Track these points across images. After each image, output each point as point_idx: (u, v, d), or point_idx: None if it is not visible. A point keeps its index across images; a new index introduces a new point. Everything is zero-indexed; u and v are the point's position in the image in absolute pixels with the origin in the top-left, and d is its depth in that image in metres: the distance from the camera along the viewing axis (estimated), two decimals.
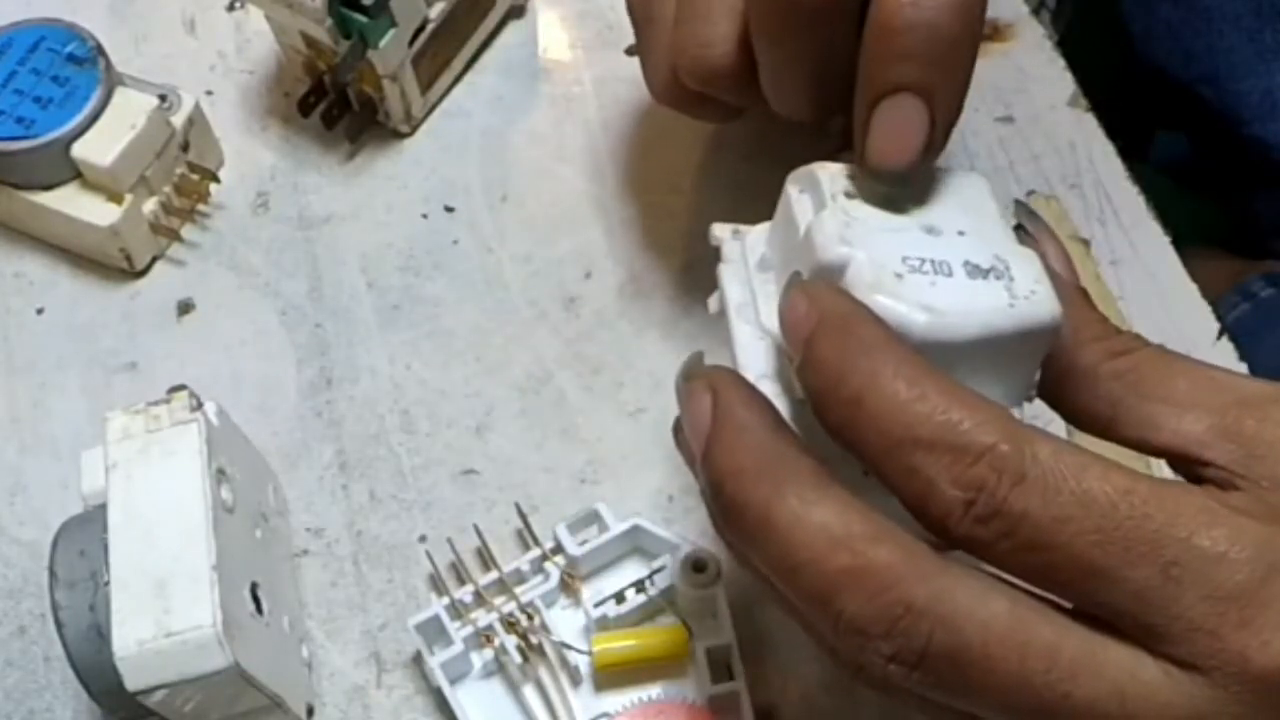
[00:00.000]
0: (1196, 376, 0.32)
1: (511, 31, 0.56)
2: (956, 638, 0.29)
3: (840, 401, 0.30)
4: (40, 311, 0.51)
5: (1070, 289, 0.34)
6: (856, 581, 0.29)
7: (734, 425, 0.32)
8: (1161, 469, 0.32)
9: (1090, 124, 0.52)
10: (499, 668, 0.43)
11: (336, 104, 0.52)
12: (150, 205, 0.50)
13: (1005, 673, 0.29)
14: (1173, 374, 0.32)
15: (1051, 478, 0.29)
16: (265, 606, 0.40)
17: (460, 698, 0.42)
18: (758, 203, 0.39)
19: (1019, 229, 0.38)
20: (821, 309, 0.32)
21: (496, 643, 0.42)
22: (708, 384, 0.32)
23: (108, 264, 0.51)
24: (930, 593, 0.29)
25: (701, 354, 0.34)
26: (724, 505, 0.31)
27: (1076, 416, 0.34)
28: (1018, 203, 0.37)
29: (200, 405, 0.40)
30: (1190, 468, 0.31)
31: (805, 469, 0.31)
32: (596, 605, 0.42)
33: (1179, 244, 0.50)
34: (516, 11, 0.56)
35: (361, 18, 0.48)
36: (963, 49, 0.36)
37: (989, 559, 0.30)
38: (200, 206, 0.52)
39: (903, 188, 0.37)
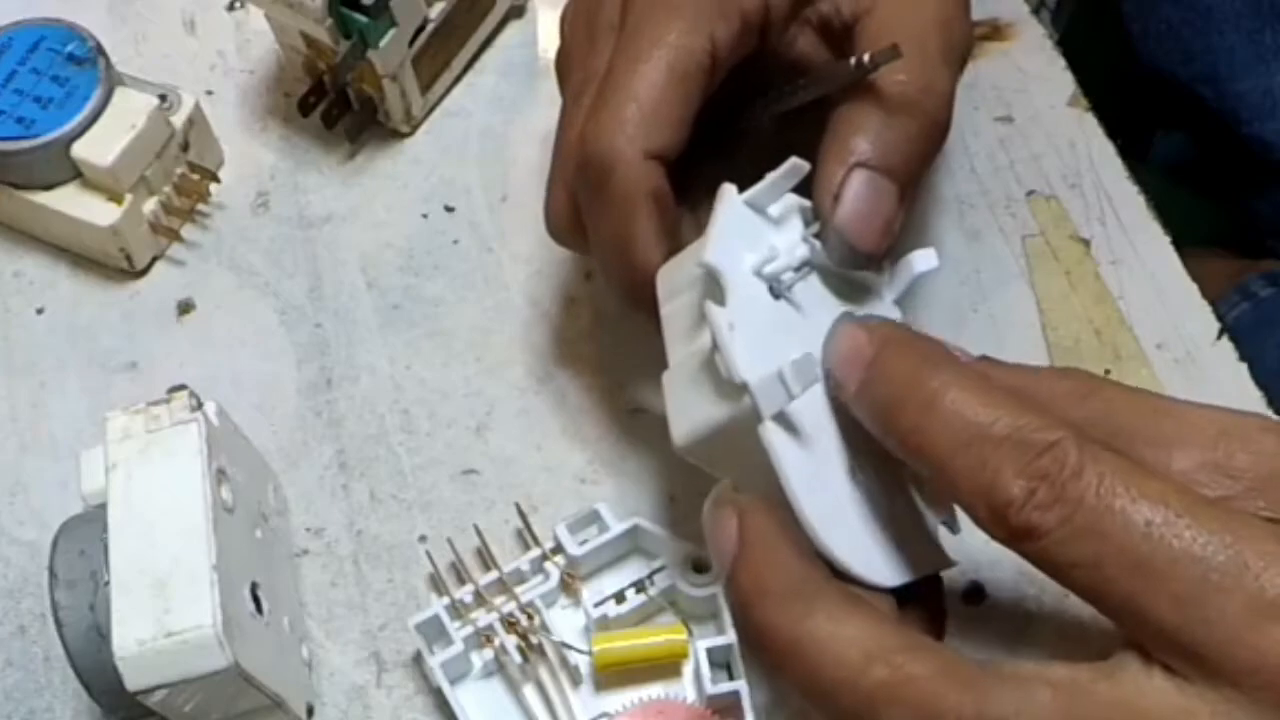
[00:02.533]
0: (1176, 413, 0.32)
1: (511, 31, 0.56)
2: None
3: (913, 406, 0.32)
4: (40, 311, 0.51)
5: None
6: (897, 695, 0.29)
7: (761, 547, 0.33)
8: None
9: (1090, 124, 0.52)
10: (499, 668, 0.43)
11: (336, 104, 0.52)
12: (150, 205, 0.50)
13: None
14: (1149, 413, 0.32)
15: (1111, 475, 0.29)
16: (265, 606, 0.40)
17: (460, 698, 0.42)
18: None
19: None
20: (883, 336, 0.34)
21: (496, 643, 0.42)
22: (735, 509, 0.34)
23: (108, 264, 0.51)
24: (975, 699, 0.29)
25: (730, 483, 0.36)
26: (753, 628, 0.32)
27: None
28: None
29: (200, 405, 0.40)
30: None
31: (834, 591, 0.32)
32: (596, 605, 0.42)
33: (1179, 244, 0.50)
34: (516, 11, 0.56)
35: (361, 18, 0.48)
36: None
37: (1042, 552, 0.30)
38: (200, 206, 0.52)
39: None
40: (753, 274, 0.37)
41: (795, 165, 0.37)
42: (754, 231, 0.38)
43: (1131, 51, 0.73)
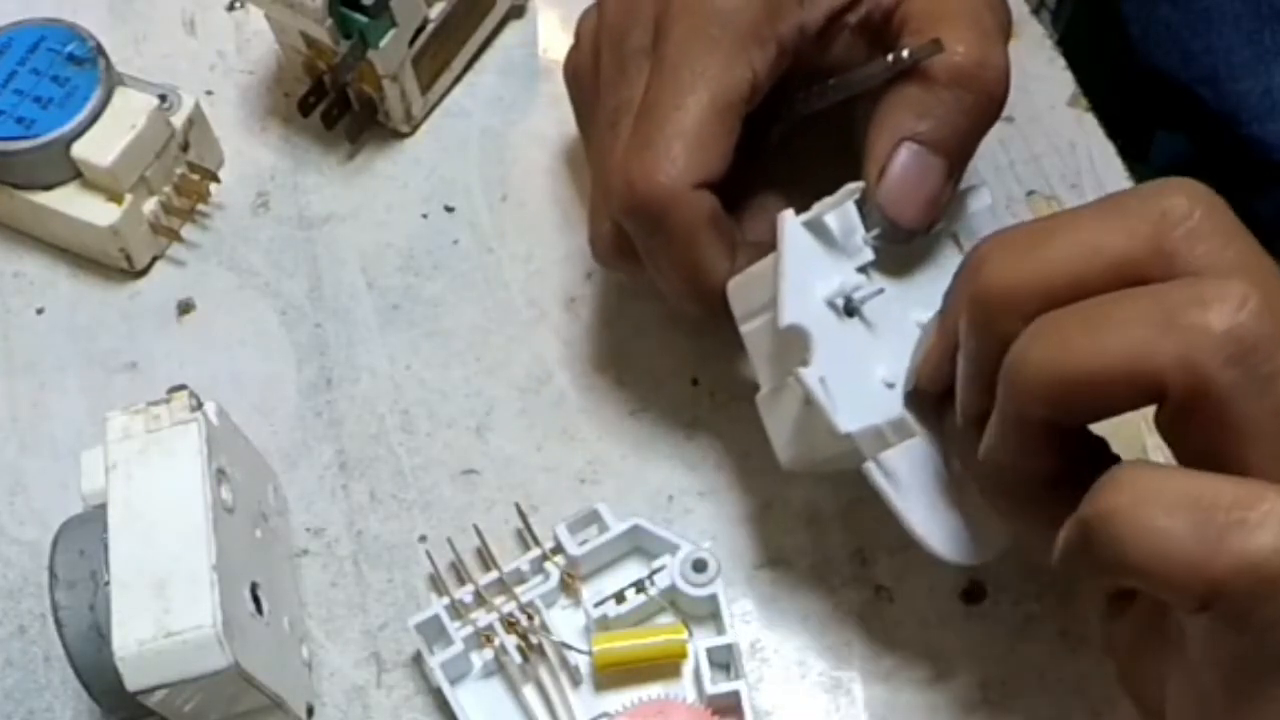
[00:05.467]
0: None
1: (511, 31, 0.56)
2: None
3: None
4: (40, 311, 0.51)
5: None
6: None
7: None
8: None
9: (1090, 124, 0.52)
10: (499, 668, 0.43)
11: (336, 104, 0.52)
12: (150, 205, 0.50)
13: None
14: None
15: None
16: (265, 606, 0.40)
17: (460, 698, 0.42)
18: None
19: None
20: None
21: (496, 643, 0.42)
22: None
23: (108, 264, 0.51)
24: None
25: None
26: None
27: None
28: None
29: (200, 405, 0.41)
30: None
31: None
32: (596, 605, 0.42)
33: None
34: (516, 11, 0.56)
35: (361, 18, 0.48)
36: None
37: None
38: (200, 206, 0.52)
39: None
40: (826, 305, 0.39)
41: (849, 189, 0.39)
42: (818, 256, 0.39)
43: (1131, 51, 0.73)
